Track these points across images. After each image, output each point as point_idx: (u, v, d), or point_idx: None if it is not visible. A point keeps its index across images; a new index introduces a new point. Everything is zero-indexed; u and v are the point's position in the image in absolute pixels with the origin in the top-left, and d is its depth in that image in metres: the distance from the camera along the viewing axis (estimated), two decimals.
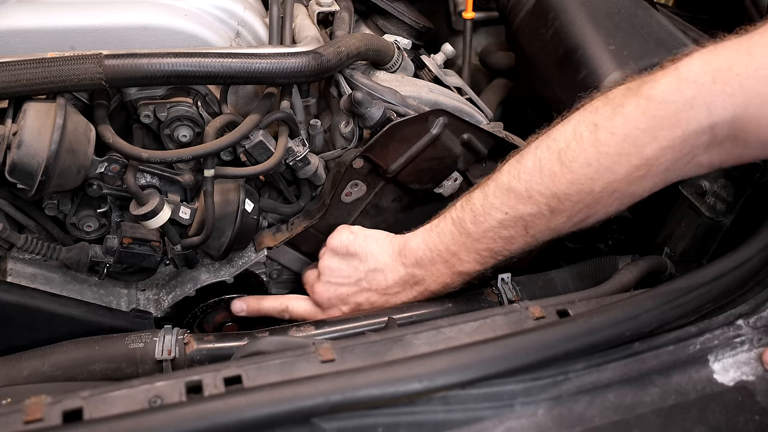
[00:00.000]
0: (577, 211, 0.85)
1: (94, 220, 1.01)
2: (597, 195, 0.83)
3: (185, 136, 1.00)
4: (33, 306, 0.94)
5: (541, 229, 0.87)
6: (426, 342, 0.75)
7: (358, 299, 1.00)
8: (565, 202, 0.84)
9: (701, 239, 1.07)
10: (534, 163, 0.86)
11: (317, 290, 1.03)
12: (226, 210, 0.99)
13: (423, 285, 0.96)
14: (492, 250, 0.90)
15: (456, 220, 0.93)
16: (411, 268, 0.96)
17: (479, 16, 1.49)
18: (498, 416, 0.70)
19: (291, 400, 0.64)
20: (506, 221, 0.88)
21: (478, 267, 0.92)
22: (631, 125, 0.79)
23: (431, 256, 0.94)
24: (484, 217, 0.89)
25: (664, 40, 1.11)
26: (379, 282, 0.98)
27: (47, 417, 0.63)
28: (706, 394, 0.76)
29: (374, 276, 0.99)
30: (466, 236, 0.91)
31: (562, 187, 0.83)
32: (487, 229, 0.89)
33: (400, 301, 0.99)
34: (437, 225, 0.96)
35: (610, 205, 0.85)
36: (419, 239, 0.97)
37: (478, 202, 0.90)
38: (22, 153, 0.85)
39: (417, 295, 0.98)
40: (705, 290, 0.80)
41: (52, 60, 0.87)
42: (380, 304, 1.00)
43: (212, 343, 0.95)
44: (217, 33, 1.03)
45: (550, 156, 0.84)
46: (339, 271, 1.01)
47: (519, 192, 0.86)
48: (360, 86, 1.04)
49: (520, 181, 0.86)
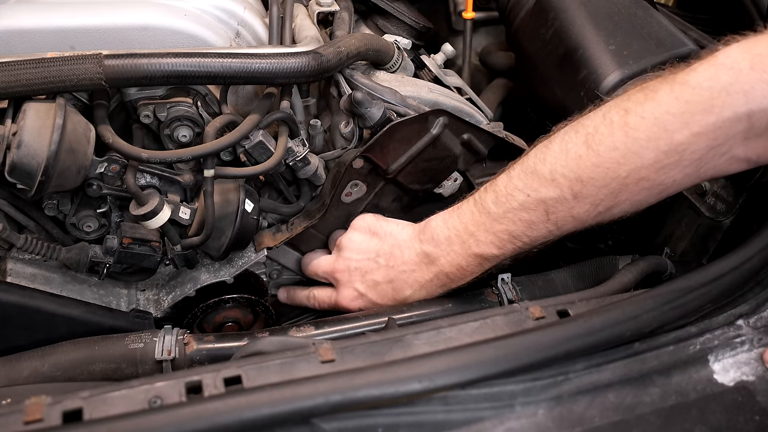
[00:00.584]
0: (602, 198, 0.83)
1: (94, 220, 1.01)
2: (623, 181, 0.80)
3: (185, 136, 1.00)
4: (33, 306, 0.94)
5: (563, 216, 0.85)
6: (426, 342, 0.75)
7: (375, 276, 1.00)
8: (589, 187, 0.82)
9: (701, 239, 1.07)
10: (560, 146, 0.85)
11: (336, 266, 1.03)
12: (226, 210, 0.99)
13: (437, 265, 0.95)
14: (511, 233, 0.88)
15: (477, 200, 0.92)
16: (427, 245, 0.95)
17: (479, 16, 1.49)
18: (498, 416, 0.70)
19: (291, 400, 0.64)
20: (527, 203, 0.86)
21: (494, 250, 0.90)
22: (662, 109, 0.77)
23: (448, 234, 0.93)
24: (506, 198, 0.88)
25: (664, 40, 1.11)
26: (396, 258, 0.98)
27: (47, 417, 0.63)
28: (706, 394, 0.76)
29: (392, 252, 0.99)
30: (485, 216, 0.90)
31: (586, 170, 0.81)
32: (507, 209, 0.87)
33: (415, 281, 0.97)
34: (459, 206, 0.95)
35: (636, 194, 0.82)
36: (439, 219, 0.96)
37: (501, 184, 0.89)
38: (22, 153, 0.85)
39: (432, 277, 0.96)
40: (705, 290, 0.80)
41: (52, 60, 0.87)
42: (396, 286, 0.98)
43: (212, 344, 0.95)
44: (217, 33, 1.03)
45: (577, 140, 0.83)
46: (359, 245, 1.02)
47: (543, 174, 0.85)
48: (360, 86, 1.04)
49: (545, 164, 0.85)
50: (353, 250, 1.03)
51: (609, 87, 1.07)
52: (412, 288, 0.99)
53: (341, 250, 1.04)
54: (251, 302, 1.08)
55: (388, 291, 1.00)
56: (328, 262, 1.07)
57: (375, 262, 1.00)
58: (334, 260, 1.05)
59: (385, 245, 1.00)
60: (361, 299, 1.02)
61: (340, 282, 1.03)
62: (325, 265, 1.07)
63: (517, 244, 0.89)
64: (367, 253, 1.01)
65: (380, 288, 1.00)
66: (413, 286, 0.98)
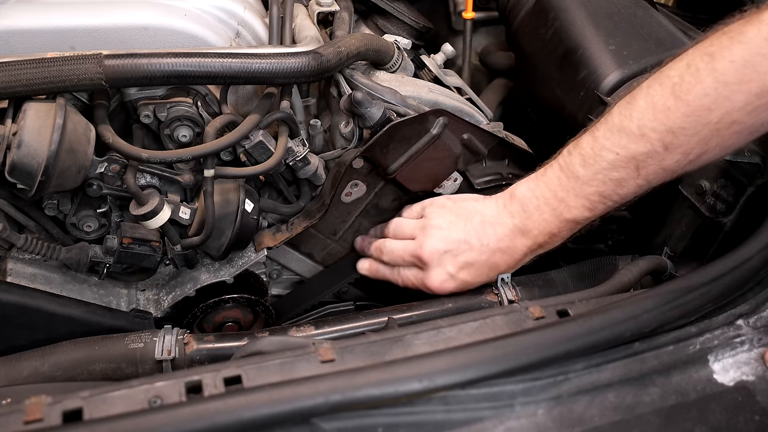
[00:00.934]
0: (693, 146, 0.81)
1: (94, 220, 1.01)
2: (714, 126, 0.79)
3: (185, 136, 1.00)
4: (33, 306, 0.94)
5: (654, 170, 0.84)
6: (426, 342, 0.75)
7: (468, 257, 0.97)
8: (680, 137, 0.81)
9: (701, 239, 1.07)
10: (646, 101, 0.83)
11: (424, 250, 0.98)
12: (226, 210, 0.99)
13: (530, 237, 0.94)
14: (601, 194, 0.87)
15: (564, 165, 0.90)
16: (518, 218, 0.94)
17: (479, 16, 1.50)
18: (498, 416, 0.70)
19: (291, 400, 0.64)
20: (617, 162, 0.85)
21: (586, 213, 0.89)
22: (752, 51, 0.76)
23: (537, 203, 0.92)
24: (594, 159, 0.86)
25: (664, 40, 1.11)
26: (489, 236, 0.95)
27: (47, 417, 0.63)
28: (706, 394, 0.76)
29: (484, 230, 0.96)
30: (574, 180, 0.88)
31: (677, 120, 0.80)
32: (597, 171, 0.86)
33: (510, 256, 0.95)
34: (544, 173, 0.93)
35: (727, 138, 0.81)
36: (524, 188, 0.95)
37: (587, 146, 0.88)
38: (22, 153, 0.85)
39: (526, 249, 0.95)
40: (705, 290, 0.80)
41: (52, 60, 0.87)
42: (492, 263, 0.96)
43: (212, 343, 0.95)
44: (217, 33, 1.03)
45: (663, 91, 0.82)
46: (447, 228, 0.98)
47: (631, 130, 0.83)
48: (360, 86, 1.04)
49: (632, 120, 0.84)
50: (440, 234, 0.98)
51: (609, 87, 1.07)
52: (508, 264, 0.97)
53: (428, 234, 1.00)
54: (251, 302, 1.08)
55: (483, 270, 0.97)
56: (412, 245, 1.02)
57: (467, 243, 0.96)
58: (419, 245, 1.00)
59: (474, 224, 0.97)
60: (452, 281, 0.99)
61: (430, 265, 0.99)
62: (411, 249, 1.02)
63: (608, 204, 0.89)
64: (457, 235, 0.97)
65: (475, 268, 0.97)
66: (509, 262, 0.97)
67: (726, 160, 1.00)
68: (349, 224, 1.12)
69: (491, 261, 0.97)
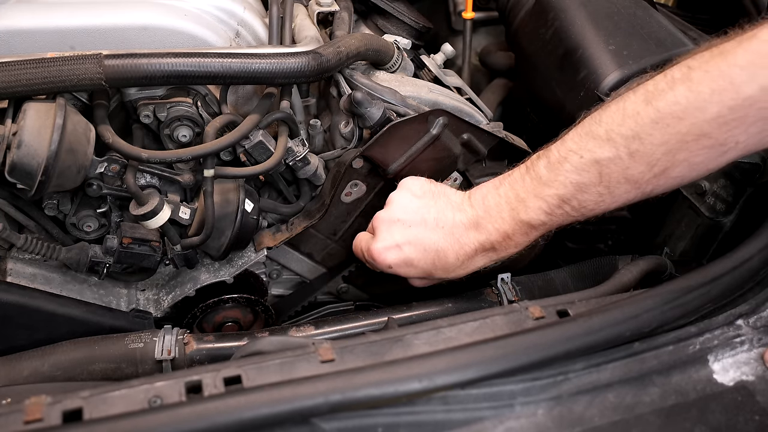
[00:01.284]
0: (659, 156, 0.80)
1: (94, 220, 1.01)
2: (682, 138, 0.78)
3: (185, 136, 1.00)
4: (33, 306, 0.94)
5: (617, 177, 0.83)
6: (426, 342, 0.75)
7: (420, 233, 0.95)
8: (647, 144, 0.79)
9: (701, 239, 1.07)
10: (617, 106, 0.83)
11: (380, 215, 0.98)
12: (226, 210, 0.99)
13: (485, 232, 0.92)
14: (560, 196, 0.86)
15: (529, 166, 0.90)
16: (477, 209, 0.93)
17: (479, 16, 1.50)
18: (498, 416, 0.70)
19: (291, 400, 0.64)
20: (580, 165, 0.84)
21: (542, 216, 0.88)
22: (729, 62, 0.74)
23: (498, 201, 0.92)
24: (558, 161, 0.86)
25: (664, 40, 1.11)
26: (447, 220, 0.94)
27: (47, 417, 0.63)
28: (706, 394, 0.76)
29: (444, 212, 0.95)
30: (536, 181, 0.88)
31: (645, 127, 0.79)
32: (559, 173, 0.86)
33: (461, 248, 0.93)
34: (510, 173, 0.93)
35: (695, 153, 0.79)
36: (490, 185, 0.95)
37: (555, 150, 0.88)
38: (22, 153, 0.85)
39: (478, 245, 0.93)
40: (705, 290, 0.80)
41: (52, 60, 0.87)
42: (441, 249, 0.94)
43: (212, 343, 0.95)
44: (217, 33, 1.03)
45: (636, 98, 0.81)
46: (409, 201, 0.97)
47: (598, 134, 0.83)
48: (360, 86, 1.04)
49: (601, 124, 0.83)
50: (401, 205, 0.97)
51: (609, 87, 1.07)
52: (457, 256, 0.94)
53: (389, 204, 0.99)
54: (251, 302, 1.08)
55: (430, 252, 0.94)
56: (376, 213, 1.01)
57: (422, 219, 0.95)
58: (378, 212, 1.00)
59: (437, 205, 0.96)
60: (395, 252, 0.95)
61: (378, 230, 0.97)
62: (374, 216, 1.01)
63: (566, 209, 0.87)
64: (416, 209, 0.96)
65: (422, 247, 0.94)
66: (458, 254, 0.94)
67: None
68: (349, 224, 1.12)
69: (440, 245, 0.94)
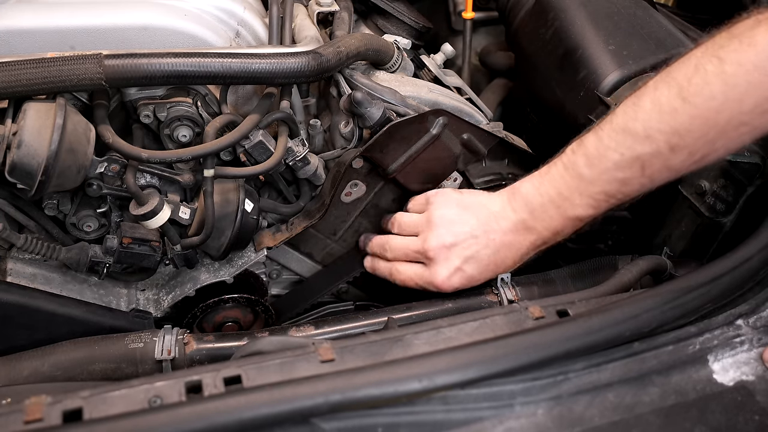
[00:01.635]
0: (699, 147, 0.81)
1: (94, 220, 1.01)
2: (722, 128, 0.79)
3: (185, 136, 1.00)
4: (33, 306, 0.94)
5: (659, 169, 0.84)
6: (426, 342, 0.75)
7: (474, 250, 0.96)
8: (687, 138, 0.80)
9: (701, 239, 1.07)
10: (652, 102, 0.83)
11: (430, 243, 0.97)
12: (226, 210, 0.99)
13: (535, 232, 0.94)
14: (606, 192, 0.88)
15: (568, 164, 0.90)
16: (522, 213, 0.94)
17: (479, 16, 1.50)
18: (498, 416, 0.70)
19: (291, 400, 0.64)
20: (622, 162, 0.85)
21: (591, 211, 0.90)
22: (762, 55, 0.75)
23: (542, 201, 0.92)
24: (599, 159, 0.86)
25: (664, 40, 1.11)
26: (494, 230, 0.95)
27: (47, 417, 0.63)
28: (705, 394, 0.76)
29: (488, 224, 0.95)
30: (579, 180, 0.89)
31: (684, 122, 0.80)
32: (602, 171, 0.86)
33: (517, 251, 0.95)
34: (548, 171, 0.93)
35: (734, 139, 0.81)
36: (529, 185, 0.95)
37: (591, 146, 0.88)
38: (22, 153, 0.85)
39: (530, 244, 0.95)
40: (705, 290, 0.80)
41: (52, 60, 0.87)
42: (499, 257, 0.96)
43: (212, 343, 0.95)
44: (217, 33, 1.03)
45: (670, 93, 0.82)
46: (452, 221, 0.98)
47: (636, 132, 0.83)
48: (360, 86, 1.04)
49: (638, 121, 0.84)
50: (447, 226, 0.97)
51: (609, 87, 1.07)
52: (513, 258, 0.96)
53: (433, 227, 0.98)
54: (251, 302, 1.08)
55: (490, 264, 0.96)
56: (417, 241, 1.00)
57: (472, 236, 0.95)
58: (424, 239, 0.99)
59: (480, 217, 0.96)
60: (458, 276, 0.97)
61: (435, 260, 0.97)
62: (415, 245, 1.00)
63: (611, 202, 0.89)
64: (462, 227, 0.96)
65: (481, 261, 0.96)
66: (515, 258, 0.96)
67: (726, 160, 1.00)
68: (349, 224, 1.12)
69: (497, 255, 0.96)
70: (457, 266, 0.97)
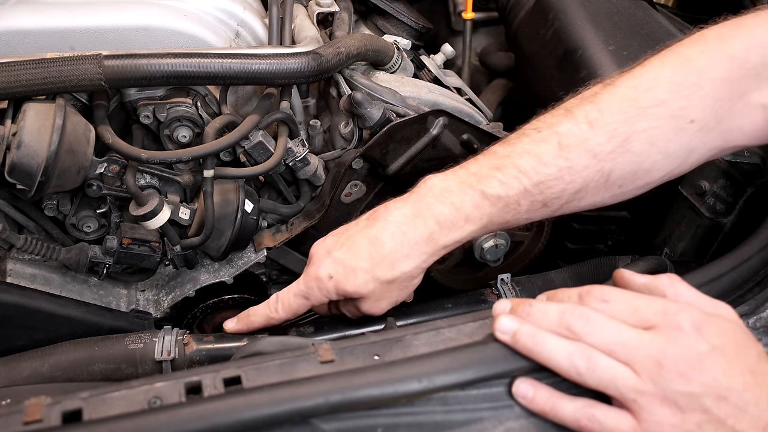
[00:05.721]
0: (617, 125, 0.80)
1: (94, 220, 1.01)
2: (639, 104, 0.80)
3: (185, 136, 1.00)
4: (33, 306, 0.94)
5: (576, 149, 0.81)
6: (425, 342, 0.75)
7: (350, 233, 0.86)
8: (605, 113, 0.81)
9: (701, 239, 1.07)
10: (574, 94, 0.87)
11: (312, 248, 0.89)
12: (226, 210, 0.99)
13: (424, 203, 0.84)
14: (518, 166, 0.82)
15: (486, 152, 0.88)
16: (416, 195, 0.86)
17: (479, 16, 1.49)
18: (497, 417, 0.70)
19: (290, 400, 0.64)
20: (539, 136, 0.83)
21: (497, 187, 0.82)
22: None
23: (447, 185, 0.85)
24: (516, 138, 0.86)
25: (664, 40, 1.11)
26: (378, 214, 0.86)
27: (47, 418, 0.62)
28: None
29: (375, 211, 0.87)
30: (491, 156, 0.85)
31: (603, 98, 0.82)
32: (516, 145, 0.84)
33: (396, 228, 0.83)
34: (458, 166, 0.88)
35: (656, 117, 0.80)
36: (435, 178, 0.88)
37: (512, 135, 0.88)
38: (22, 153, 0.85)
39: (414, 219, 0.83)
40: (704, 291, 0.80)
41: (52, 60, 0.87)
42: (374, 236, 0.84)
43: (212, 344, 0.95)
44: (217, 33, 1.03)
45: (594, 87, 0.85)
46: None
47: (556, 112, 0.85)
48: (360, 87, 1.04)
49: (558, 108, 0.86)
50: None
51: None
52: (393, 237, 0.83)
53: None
54: (251, 302, 1.08)
55: (363, 244, 0.84)
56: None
57: (355, 225, 0.87)
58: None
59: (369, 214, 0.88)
60: (329, 258, 0.85)
61: (313, 257, 0.87)
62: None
63: (524, 183, 0.81)
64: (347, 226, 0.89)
65: (355, 243, 0.84)
66: (394, 235, 0.83)
67: (726, 161, 1.00)
68: None
69: (373, 234, 0.84)
70: (333, 254, 0.85)
